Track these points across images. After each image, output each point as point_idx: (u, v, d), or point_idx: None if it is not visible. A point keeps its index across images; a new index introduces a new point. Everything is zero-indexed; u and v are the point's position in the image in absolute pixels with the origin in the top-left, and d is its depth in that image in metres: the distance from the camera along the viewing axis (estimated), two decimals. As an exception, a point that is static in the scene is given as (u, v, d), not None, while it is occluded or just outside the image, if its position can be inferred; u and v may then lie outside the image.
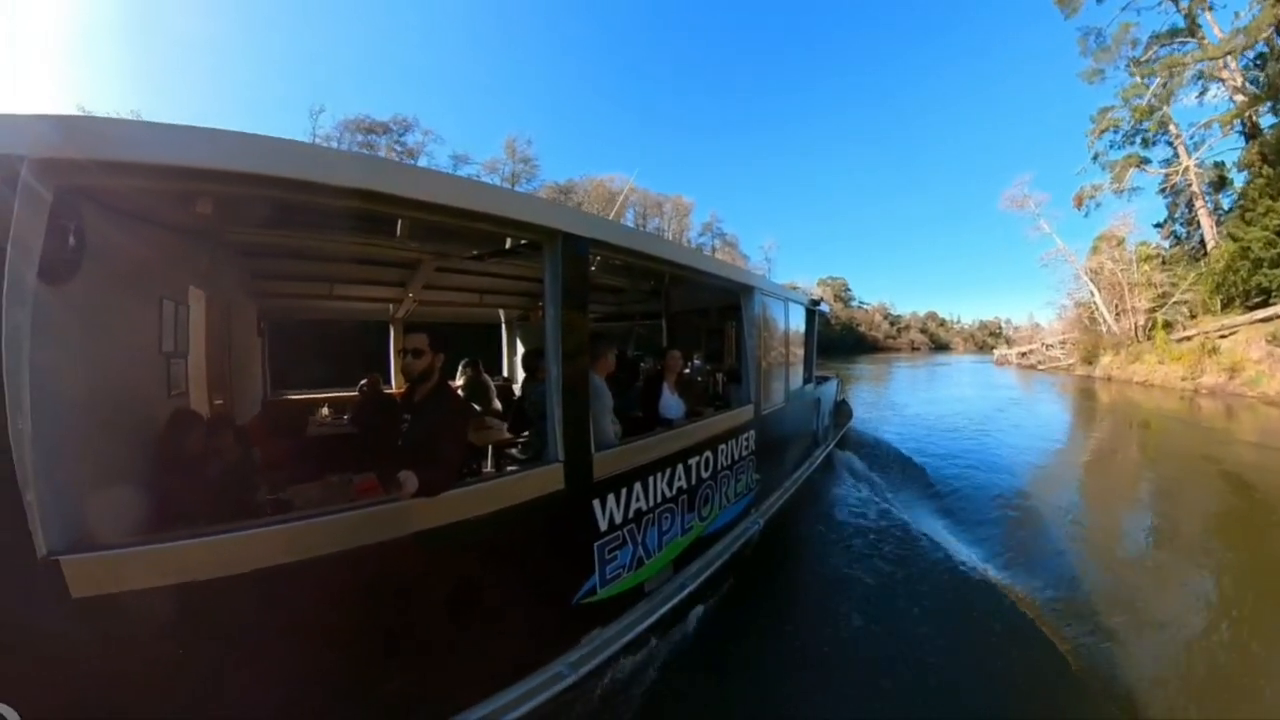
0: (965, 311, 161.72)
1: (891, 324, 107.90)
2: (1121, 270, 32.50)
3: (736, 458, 4.92)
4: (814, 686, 3.77)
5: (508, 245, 4.51)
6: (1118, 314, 32.96)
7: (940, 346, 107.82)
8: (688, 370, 7.13)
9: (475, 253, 5.14)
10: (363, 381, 6.63)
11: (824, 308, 8.56)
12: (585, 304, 3.30)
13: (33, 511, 1.84)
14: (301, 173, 2.30)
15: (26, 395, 1.86)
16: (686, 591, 3.90)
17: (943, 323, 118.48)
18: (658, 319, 8.83)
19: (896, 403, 21.07)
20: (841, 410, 11.77)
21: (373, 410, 6.00)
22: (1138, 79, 32.00)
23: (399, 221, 4.05)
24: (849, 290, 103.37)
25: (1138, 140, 34.05)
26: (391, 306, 7.44)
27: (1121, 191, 34.25)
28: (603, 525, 3.36)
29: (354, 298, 6.83)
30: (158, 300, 3.60)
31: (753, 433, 5.21)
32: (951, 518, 7.31)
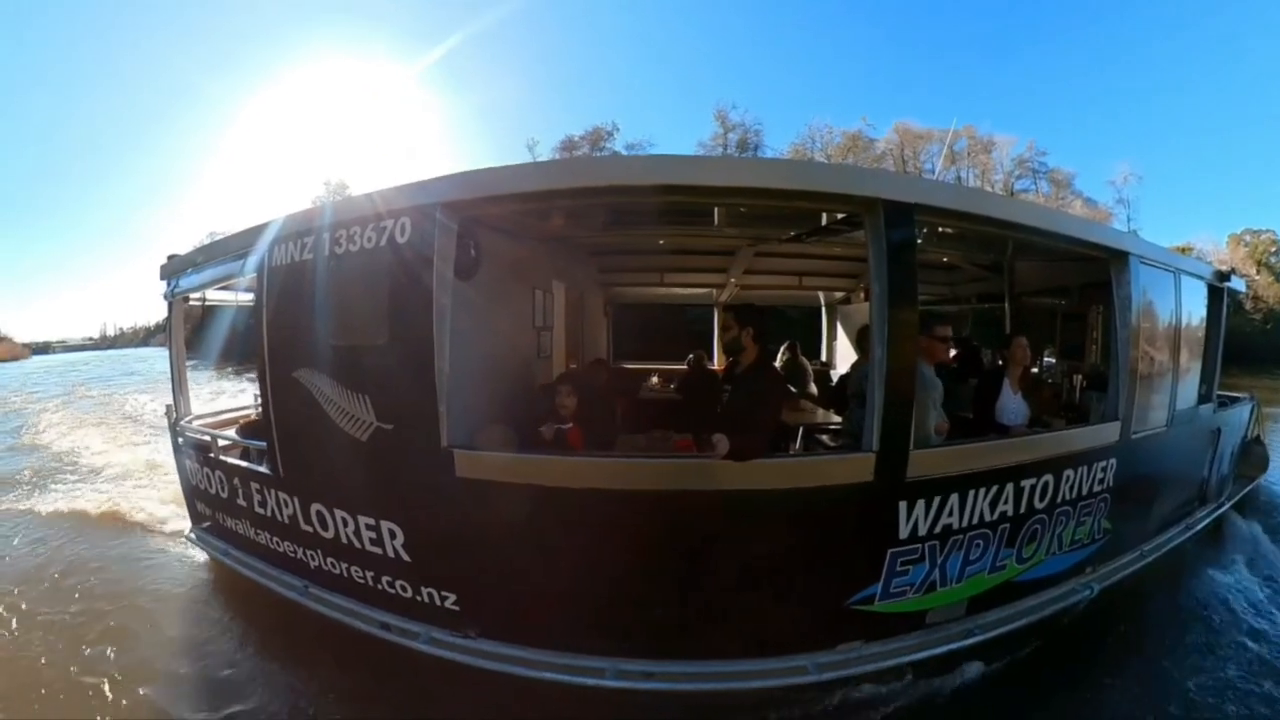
0: None
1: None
2: None
3: (1085, 492, 3.74)
4: None
5: (824, 222, 4.33)
6: None
7: None
8: (1036, 368, 5.74)
9: (792, 233, 5.05)
10: (689, 357, 7.40)
11: (1236, 284, 5.80)
12: (914, 279, 2.97)
13: (443, 419, 2.84)
14: (616, 179, 2.84)
15: (447, 347, 2.85)
16: (973, 640, 3.26)
17: None
18: (998, 301, 7.10)
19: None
20: (1251, 453, 7.42)
21: (696, 382, 6.63)
22: None
23: (715, 210, 4.31)
24: (1287, 251, 63.00)
25: None
26: (714, 291, 8.07)
27: None
28: (903, 532, 3.00)
29: (681, 284, 7.82)
30: (531, 289, 4.89)
31: (1113, 462, 3.88)
32: None
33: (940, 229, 4.13)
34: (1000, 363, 4.36)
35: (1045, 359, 6.41)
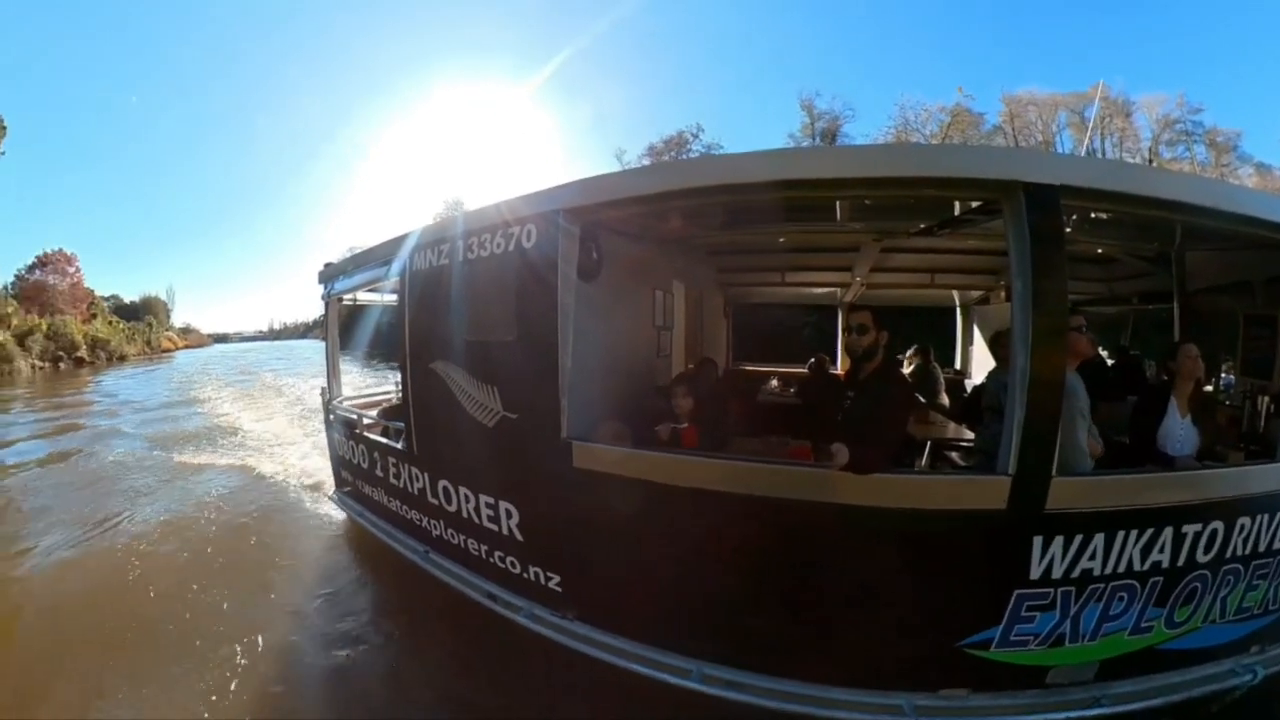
0: None
1: None
2: None
3: (1262, 548, 2.99)
4: None
5: (957, 212, 3.92)
6: None
7: None
8: (1211, 386, 4.79)
9: (921, 225, 4.57)
10: (811, 360, 7.19)
11: None
12: (1062, 274, 2.62)
13: (564, 411, 3.05)
14: (730, 177, 2.83)
15: (570, 344, 3.05)
16: (1098, 712, 2.76)
17: None
18: (1165, 302, 5.79)
19: None
20: None
21: (817, 387, 6.44)
22: None
23: (836, 204, 4.07)
24: None
25: None
26: (839, 291, 7.68)
27: None
28: (1035, 572, 2.64)
29: (803, 284, 7.58)
30: (651, 290, 5.08)
31: None
32: None
33: (1092, 214, 3.60)
34: (1165, 377, 3.68)
35: (1223, 375, 5.33)
